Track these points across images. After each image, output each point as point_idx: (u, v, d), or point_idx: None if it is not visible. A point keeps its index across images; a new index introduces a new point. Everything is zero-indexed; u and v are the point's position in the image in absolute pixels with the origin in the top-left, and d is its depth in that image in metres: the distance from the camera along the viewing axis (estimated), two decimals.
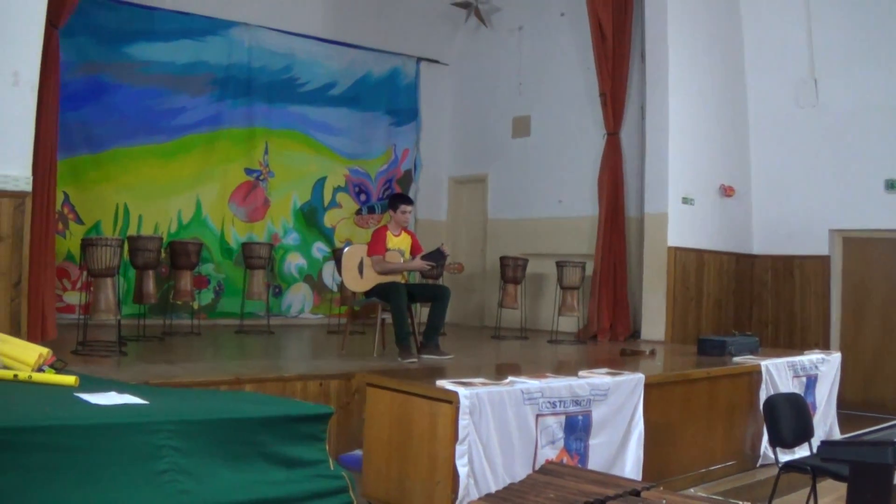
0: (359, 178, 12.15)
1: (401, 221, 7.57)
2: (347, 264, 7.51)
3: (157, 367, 6.26)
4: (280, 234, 11.30)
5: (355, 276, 7.47)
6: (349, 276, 7.48)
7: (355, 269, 7.48)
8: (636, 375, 5.67)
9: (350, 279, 7.48)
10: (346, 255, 7.55)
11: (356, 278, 7.47)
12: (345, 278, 7.53)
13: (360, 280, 7.46)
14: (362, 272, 7.46)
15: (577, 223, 11.34)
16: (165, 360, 6.83)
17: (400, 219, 7.55)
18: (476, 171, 12.81)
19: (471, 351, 8.75)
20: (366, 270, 7.44)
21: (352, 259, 7.51)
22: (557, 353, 8.95)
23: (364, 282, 7.45)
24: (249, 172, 11.07)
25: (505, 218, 12.34)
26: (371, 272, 7.43)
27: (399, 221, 7.57)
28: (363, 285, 7.47)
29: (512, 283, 10.49)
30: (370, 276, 7.42)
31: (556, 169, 11.67)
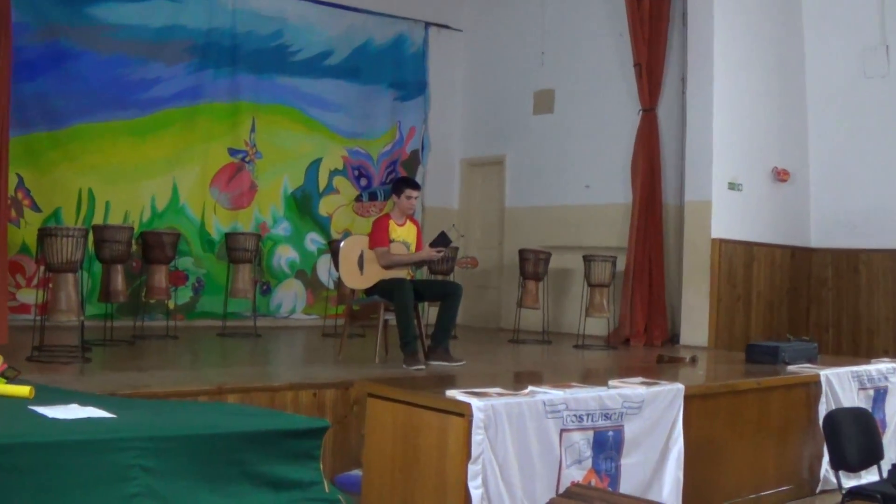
0: (359, 160, 12.14)
1: (406, 209, 7.57)
2: (346, 258, 7.50)
3: (126, 375, 6.26)
4: (269, 224, 11.30)
5: (354, 272, 7.46)
6: (348, 271, 7.47)
7: (354, 264, 7.47)
8: (675, 386, 5.64)
9: (348, 275, 7.48)
10: (345, 248, 7.54)
11: (355, 274, 7.46)
12: (342, 274, 7.52)
13: (360, 276, 7.46)
14: (363, 267, 7.45)
15: (608, 212, 11.31)
16: (136, 367, 6.83)
17: (405, 206, 7.55)
18: (492, 152, 12.80)
19: (485, 357, 8.75)
20: (367, 265, 7.44)
21: (351, 252, 7.50)
22: (584, 360, 8.93)
23: (365, 278, 7.44)
24: (234, 153, 11.07)
25: (525, 206, 12.33)
26: (373, 267, 7.43)
27: (404, 209, 7.57)
28: (364, 282, 7.46)
29: (532, 280, 10.47)
30: (372, 271, 7.42)
31: (584, 150, 11.64)
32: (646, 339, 10.33)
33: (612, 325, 10.59)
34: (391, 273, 7.40)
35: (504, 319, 12.23)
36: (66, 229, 7.12)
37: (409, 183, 7.66)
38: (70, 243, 7.05)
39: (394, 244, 7.47)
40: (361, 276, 7.46)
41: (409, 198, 7.53)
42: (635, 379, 5.70)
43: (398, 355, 7.34)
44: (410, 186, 7.59)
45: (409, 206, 7.57)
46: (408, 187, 7.56)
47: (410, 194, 7.53)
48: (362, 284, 7.49)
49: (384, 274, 7.39)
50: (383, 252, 7.38)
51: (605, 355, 9.33)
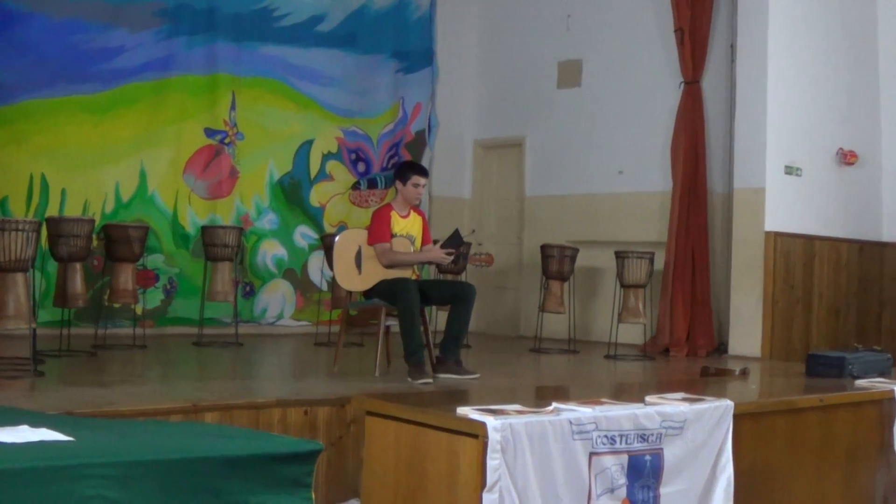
0: (356, 143, 12.14)
1: (410, 198, 7.57)
2: (341, 255, 7.49)
3: (85, 391, 6.25)
4: (252, 216, 11.31)
5: (351, 271, 7.46)
6: (343, 270, 7.47)
7: (351, 262, 7.46)
8: (723, 403, 5.61)
9: (344, 275, 7.48)
10: (340, 244, 7.53)
11: (352, 274, 7.46)
12: (337, 274, 7.52)
13: (357, 276, 7.45)
14: (360, 265, 7.44)
15: (644, 201, 11.29)
16: (97, 381, 6.82)
17: (410, 194, 7.55)
18: (510, 132, 12.78)
19: (503, 369, 8.74)
20: (365, 263, 7.43)
21: (347, 248, 7.50)
22: (617, 373, 8.90)
23: (363, 278, 7.44)
24: (211, 134, 11.07)
25: (547, 194, 12.32)
26: (372, 265, 7.42)
27: (409, 198, 7.56)
28: (362, 283, 7.46)
29: (557, 280, 10.47)
30: (371, 270, 7.41)
31: (616, 130, 11.62)
32: (688, 348, 10.32)
33: (649, 332, 10.57)
34: (393, 272, 7.39)
35: (524, 326, 12.22)
36: (15, 222, 7.12)
37: (416, 168, 7.65)
38: (20, 238, 7.05)
39: (396, 239, 7.46)
40: (359, 275, 7.45)
41: (415, 185, 7.52)
42: (676, 395, 5.68)
43: (402, 367, 7.33)
44: (417, 172, 7.58)
45: (415, 196, 7.57)
46: (414, 173, 7.56)
47: (417, 181, 7.53)
48: (360, 286, 7.49)
49: (385, 273, 7.38)
50: (384, 249, 7.37)
51: (640, 367, 9.30)
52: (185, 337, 9.99)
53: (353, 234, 7.64)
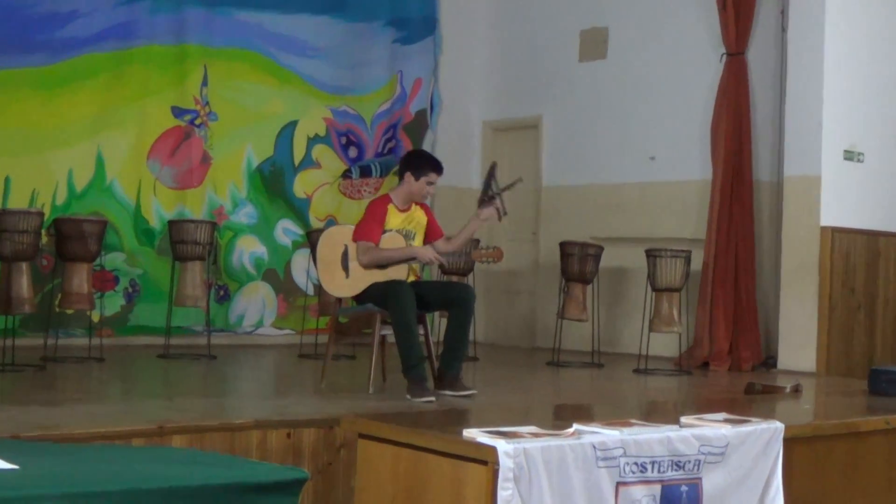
0: (346, 124, 12.13)
1: (419, 195, 7.54)
2: (325, 257, 7.47)
3: (33, 411, 6.24)
4: (227, 209, 11.32)
5: (337, 275, 7.44)
6: (329, 273, 7.45)
7: (337, 263, 7.44)
8: (771, 425, 5.60)
9: (329, 279, 7.46)
10: (323, 244, 7.51)
11: (339, 277, 7.44)
12: (322, 277, 7.51)
13: (344, 280, 7.43)
14: (348, 267, 7.43)
15: (679, 191, 11.28)
16: (47, 400, 6.82)
17: (420, 191, 7.51)
18: (524, 112, 12.77)
19: (516, 384, 8.75)
20: (354, 264, 7.42)
21: (331, 249, 7.47)
22: (648, 390, 8.90)
23: (351, 282, 7.42)
24: (179, 114, 11.07)
25: (568, 184, 12.31)
26: (367, 274, 7.40)
27: (416, 195, 7.54)
28: (350, 287, 7.44)
29: (578, 283, 10.46)
30: (361, 272, 7.39)
31: (647, 109, 11.60)
32: (731, 361, 10.32)
33: (686, 343, 10.55)
34: (385, 273, 7.37)
35: (541, 335, 12.22)
36: None
37: (435, 164, 7.61)
38: None
39: (388, 235, 7.43)
40: (347, 279, 7.42)
41: (430, 183, 7.53)
42: (717, 415, 5.66)
43: (400, 383, 7.33)
44: (435, 169, 7.56)
45: (425, 194, 7.57)
46: (432, 170, 7.55)
47: (432, 179, 7.54)
48: (349, 290, 7.46)
49: (377, 275, 7.36)
50: (365, 248, 7.34)
51: (675, 383, 9.29)
52: (150, 348, 9.99)
53: (336, 232, 7.60)
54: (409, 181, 7.49)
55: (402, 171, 7.62)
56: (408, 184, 7.50)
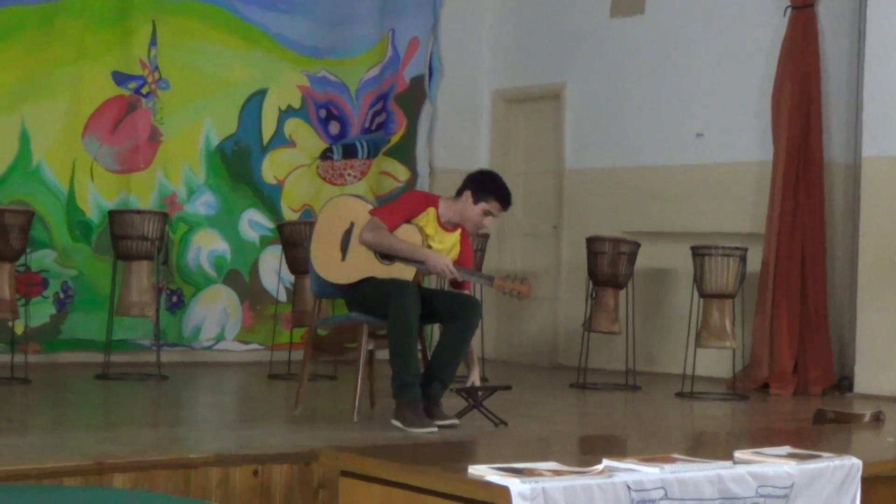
0: (327, 94, 12.12)
1: (469, 221, 7.54)
2: (326, 230, 7.43)
3: None
4: (181, 197, 11.30)
5: (333, 254, 7.41)
6: (323, 250, 7.42)
7: (336, 241, 7.41)
8: (847, 461, 5.57)
9: (323, 256, 7.42)
10: (328, 213, 7.51)
11: (333, 258, 7.41)
12: (314, 252, 7.45)
13: (339, 263, 7.42)
14: (346, 250, 7.41)
15: (733, 176, 11.28)
16: None
17: (471, 217, 7.51)
18: (543, 79, 12.77)
19: (534, 410, 8.73)
20: (355, 248, 7.39)
21: (336, 221, 7.44)
22: (694, 418, 8.93)
23: (346, 268, 7.39)
24: (122, 80, 11.05)
25: (596, 166, 12.31)
26: (363, 254, 7.39)
27: (466, 219, 7.54)
28: (343, 273, 7.41)
29: (609, 288, 10.48)
30: (360, 259, 7.37)
31: (693, 74, 11.60)
32: (797, 384, 10.31)
33: (742, 361, 10.55)
34: (388, 270, 7.40)
35: (564, 351, 12.23)
36: None
37: (503, 194, 7.59)
38: None
39: (404, 229, 7.43)
40: (342, 262, 7.43)
41: (488, 213, 7.53)
42: (779, 449, 5.65)
43: (390, 408, 7.31)
44: (500, 199, 7.55)
45: (478, 222, 7.54)
46: (497, 199, 7.53)
47: (494, 210, 7.53)
48: (342, 276, 7.43)
49: (377, 269, 7.37)
50: (375, 225, 7.34)
51: (728, 410, 9.29)
52: (86, 367, 9.96)
53: (345, 203, 7.57)
54: (467, 201, 7.50)
55: (462, 187, 7.61)
56: (464, 203, 7.51)
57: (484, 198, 7.48)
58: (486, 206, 7.47)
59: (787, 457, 5.51)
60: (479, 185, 7.54)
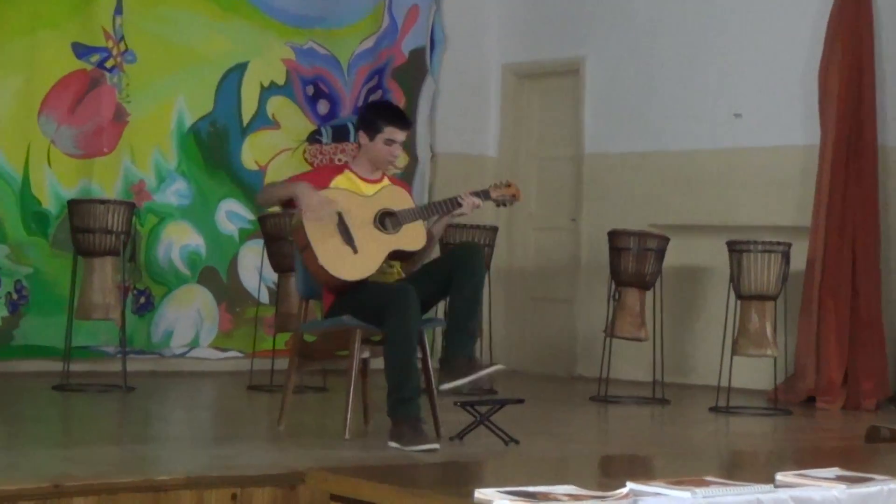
0: (315, 68, 12.14)
1: (380, 160, 7.58)
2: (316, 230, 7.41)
3: None
4: (150, 184, 11.31)
5: (342, 251, 7.36)
6: (331, 252, 7.38)
7: (336, 237, 7.37)
8: None
9: (336, 259, 7.35)
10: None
11: (345, 255, 7.37)
12: (324, 260, 7.39)
13: (354, 258, 7.40)
14: (353, 239, 7.40)
15: (775, 162, 11.28)
16: None
17: (380, 154, 7.55)
18: (560, 53, 12.78)
19: (549, 427, 8.75)
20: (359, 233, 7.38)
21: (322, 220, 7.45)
22: (730, 435, 8.94)
23: (363, 258, 7.44)
24: (83, 53, 11.04)
25: (620, 151, 12.32)
26: (370, 237, 7.43)
27: (377, 159, 7.58)
28: (365, 265, 7.45)
29: (634, 288, 10.50)
30: (371, 245, 7.39)
31: (730, 48, 11.60)
32: (846, 396, 10.30)
33: (785, 371, 10.54)
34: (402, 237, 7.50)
35: (583, 360, 12.25)
36: None
37: (391, 115, 7.66)
38: None
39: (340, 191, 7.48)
40: (357, 254, 7.43)
41: (389, 141, 7.55)
42: (827, 471, 5.62)
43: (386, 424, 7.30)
44: (392, 121, 7.59)
45: (387, 157, 7.59)
46: (388, 123, 7.57)
47: (393, 135, 7.56)
48: (364, 270, 7.45)
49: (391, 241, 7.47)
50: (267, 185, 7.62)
51: (769, 427, 9.29)
52: (43, 377, 9.95)
53: (332, 195, 7.56)
54: (365, 143, 7.64)
55: (356, 131, 7.80)
56: (364, 148, 7.64)
57: (375, 129, 7.57)
58: (384, 135, 7.57)
59: (836, 480, 5.48)
60: (365, 121, 7.68)
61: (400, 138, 7.61)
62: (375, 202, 7.57)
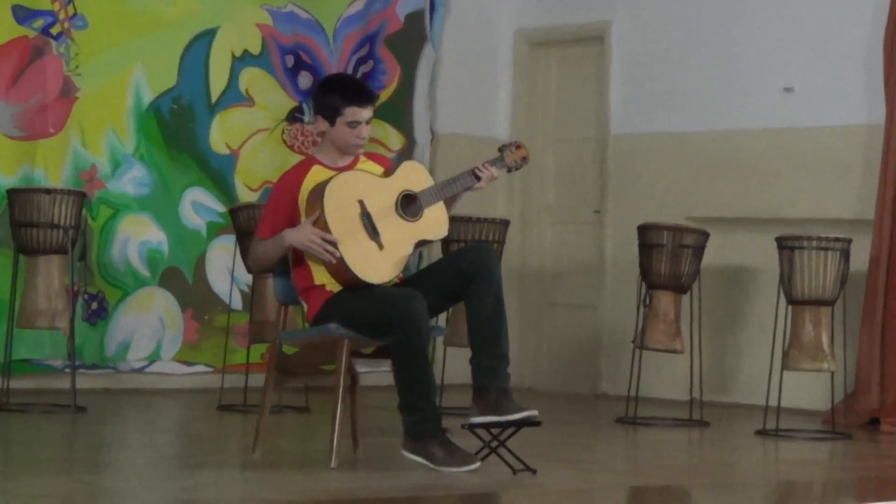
0: (296, 35, 12.18)
1: (345, 144, 7.57)
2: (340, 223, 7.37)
3: None
4: (103, 171, 11.34)
5: (367, 247, 7.37)
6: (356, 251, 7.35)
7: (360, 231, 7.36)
8: None
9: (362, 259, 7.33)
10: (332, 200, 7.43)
11: (371, 253, 7.37)
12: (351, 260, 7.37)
13: (382, 255, 7.43)
14: (379, 234, 7.40)
15: (832, 144, 11.28)
16: None
17: (344, 139, 7.55)
18: (582, 17, 12.80)
19: (569, 453, 8.76)
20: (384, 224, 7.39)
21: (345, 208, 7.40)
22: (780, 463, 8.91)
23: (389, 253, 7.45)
24: (25, 18, 11.05)
25: (651, 131, 12.35)
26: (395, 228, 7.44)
27: (342, 144, 7.59)
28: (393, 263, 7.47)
29: (668, 292, 10.52)
30: (393, 234, 7.40)
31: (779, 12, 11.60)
32: None
33: (842, 387, 10.53)
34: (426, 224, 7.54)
35: (608, 376, 12.28)
36: None
37: (348, 91, 7.66)
38: None
39: None
40: (383, 250, 7.45)
41: (353, 123, 7.56)
42: None
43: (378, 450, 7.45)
44: (352, 100, 7.57)
45: (353, 140, 7.57)
46: (347, 101, 7.56)
47: (355, 115, 7.55)
48: (395, 268, 7.49)
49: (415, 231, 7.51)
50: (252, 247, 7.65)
51: (825, 453, 9.28)
52: None
53: (344, 182, 7.55)
54: (326, 129, 7.61)
55: (315, 114, 7.76)
56: (327, 134, 7.63)
57: (334, 111, 7.57)
58: (343, 118, 7.55)
59: None
60: (321, 104, 7.67)
61: (365, 117, 7.57)
62: (396, 183, 7.58)
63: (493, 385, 7.28)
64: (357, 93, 7.66)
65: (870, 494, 6.03)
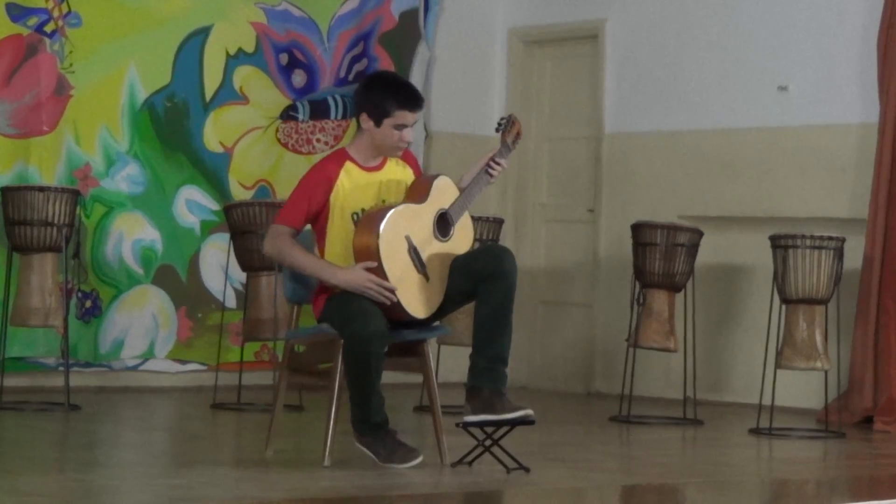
0: (290, 33, 12.16)
1: (388, 147, 7.55)
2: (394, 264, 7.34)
3: None
4: (97, 169, 11.32)
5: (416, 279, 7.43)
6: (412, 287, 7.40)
7: (411, 269, 7.37)
8: None
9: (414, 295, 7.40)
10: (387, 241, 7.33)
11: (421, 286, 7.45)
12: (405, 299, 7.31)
13: (428, 286, 7.45)
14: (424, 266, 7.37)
15: (826, 143, 11.28)
16: None
17: (387, 140, 7.49)
18: (576, 15, 12.77)
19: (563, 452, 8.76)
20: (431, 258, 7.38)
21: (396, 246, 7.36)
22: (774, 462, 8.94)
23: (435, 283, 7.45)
24: (19, 16, 11.02)
25: (645, 130, 12.34)
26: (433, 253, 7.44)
27: (383, 146, 7.55)
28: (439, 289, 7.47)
29: (662, 290, 10.54)
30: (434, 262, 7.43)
31: (774, 10, 11.58)
32: None
33: (836, 386, 10.53)
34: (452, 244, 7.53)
35: (602, 375, 12.29)
36: None
37: (402, 93, 7.59)
38: None
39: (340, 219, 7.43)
40: (428, 282, 7.44)
41: (400, 126, 7.51)
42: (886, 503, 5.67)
43: None
44: (404, 103, 7.50)
45: (396, 143, 7.51)
46: (400, 105, 7.48)
47: (404, 119, 7.50)
48: (434, 300, 7.48)
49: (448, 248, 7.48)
50: (277, 232, 7.45)
51: (819, 452, 9.30)
52: None
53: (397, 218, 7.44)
54: (368, 128, 7.50)
55: (356, 112, 7.64)
56: (369, 132, 7.52)
57: (383, 112, 7.49)
58: (391, 120, 7.48)
59: None
60: (370, 103, 7.55)
61: (412, 122, 7.54)
62: (430, 207, 7.53)
63: (486, 385, 7.25)
64: (408, 96, 7.59)
65: (863, 493, 6.04)
